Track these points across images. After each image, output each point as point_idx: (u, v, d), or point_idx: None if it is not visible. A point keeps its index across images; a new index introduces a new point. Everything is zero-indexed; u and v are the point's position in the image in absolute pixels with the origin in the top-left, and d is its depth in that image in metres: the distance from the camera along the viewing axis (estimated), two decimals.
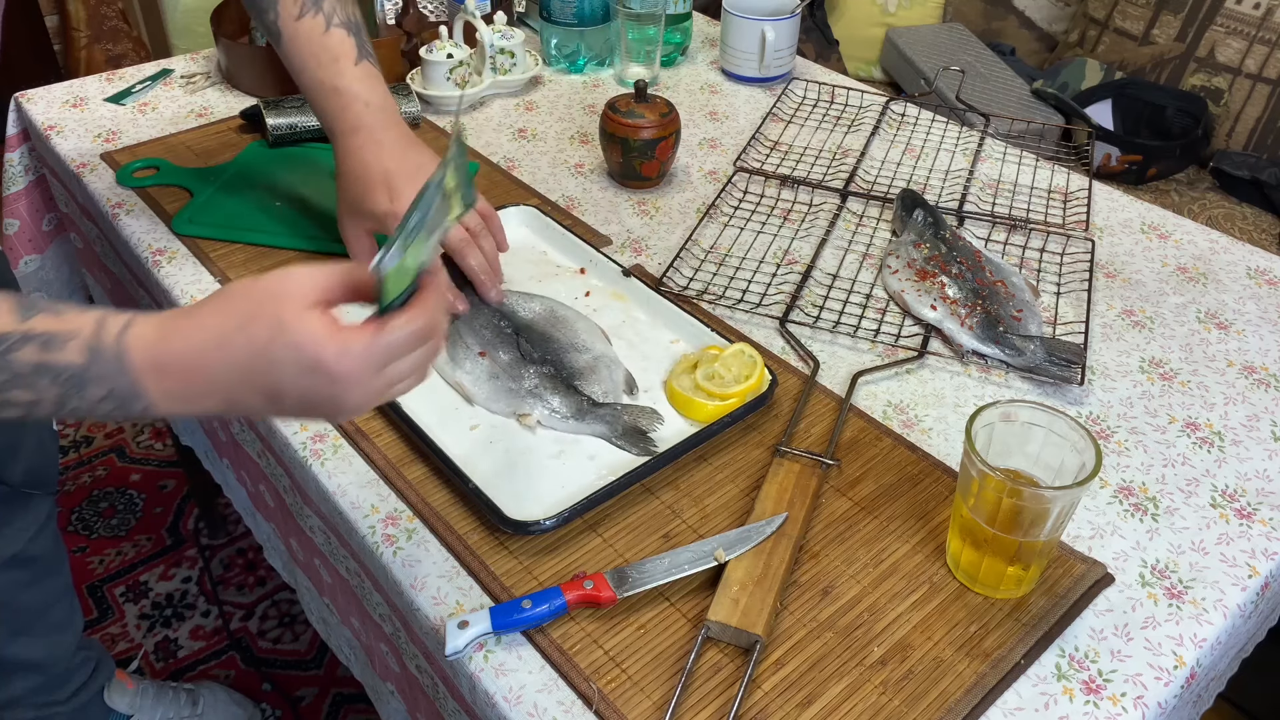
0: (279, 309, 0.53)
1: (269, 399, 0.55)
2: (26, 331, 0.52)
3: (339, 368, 0.53)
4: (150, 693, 1.32)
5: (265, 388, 0.54)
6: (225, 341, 0.54)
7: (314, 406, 0.55)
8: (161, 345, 0.54)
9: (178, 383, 0.54)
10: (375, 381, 0.55)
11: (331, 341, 0.53)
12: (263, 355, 0.53)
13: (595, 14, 1.35)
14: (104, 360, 0.53)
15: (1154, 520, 0.75)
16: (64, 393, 0.53)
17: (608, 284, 0.96)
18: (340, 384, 0.54)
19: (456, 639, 0.63)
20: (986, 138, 1.24)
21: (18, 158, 1.28)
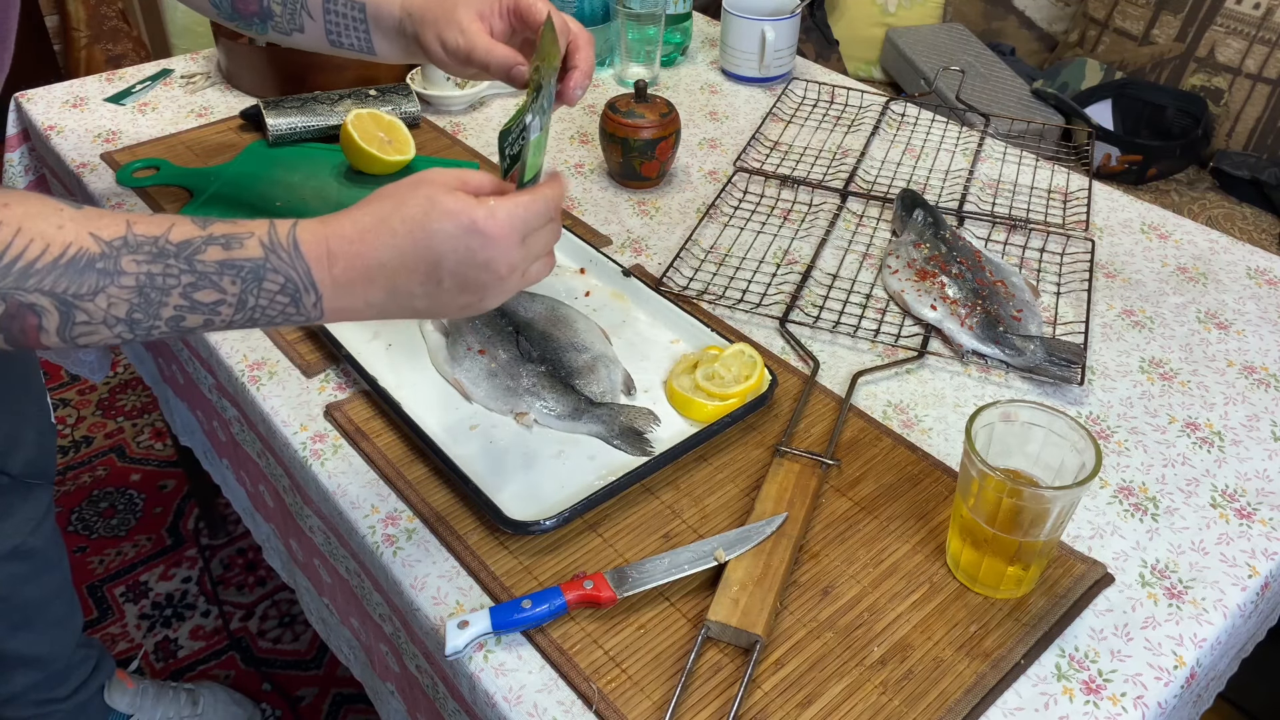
0: (428, 190, 0.59)
1: (428, 276, 0.58)
2: (209, 235, 0.56)
3: (490, 226, 0.57)
4: (150, 692, 1.32)
5: (425, 263, 0.58)
6: (384, 222, 0.58)
7: (469, 278, 0.59)
8: (329, 232, 0.58)
9: (345, 268, 0.58)
10: (520, 249, 0.59)
11: (480, 206, 0.58)
12: (420, 227, 0.57)
13: (595, 14, 1.35)
14: (280, 251, 0.57)
15: (1154, 520, 0.75)
16: (244, 289, 0.56)
17: (608, 284, 0.96)
18: (492, 244, 0.58)
19: (456, 639, 0.63)
20: (986, 138, 1.24)
21: (18, 158, 1.28)
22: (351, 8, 0.83)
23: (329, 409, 0.82)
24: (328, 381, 0.85)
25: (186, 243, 0.55)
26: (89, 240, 0.53)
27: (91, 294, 0.54)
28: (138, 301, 0.55)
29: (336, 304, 0.59)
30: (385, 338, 0.89)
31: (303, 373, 0.86)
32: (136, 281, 0.54)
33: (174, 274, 0.55)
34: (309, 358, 0.87)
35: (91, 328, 0.55)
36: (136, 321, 0.55)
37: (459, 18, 0.78)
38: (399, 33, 0.82)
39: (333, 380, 0.86)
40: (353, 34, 0.84)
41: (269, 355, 0.88)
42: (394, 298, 0.59)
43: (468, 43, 0.78)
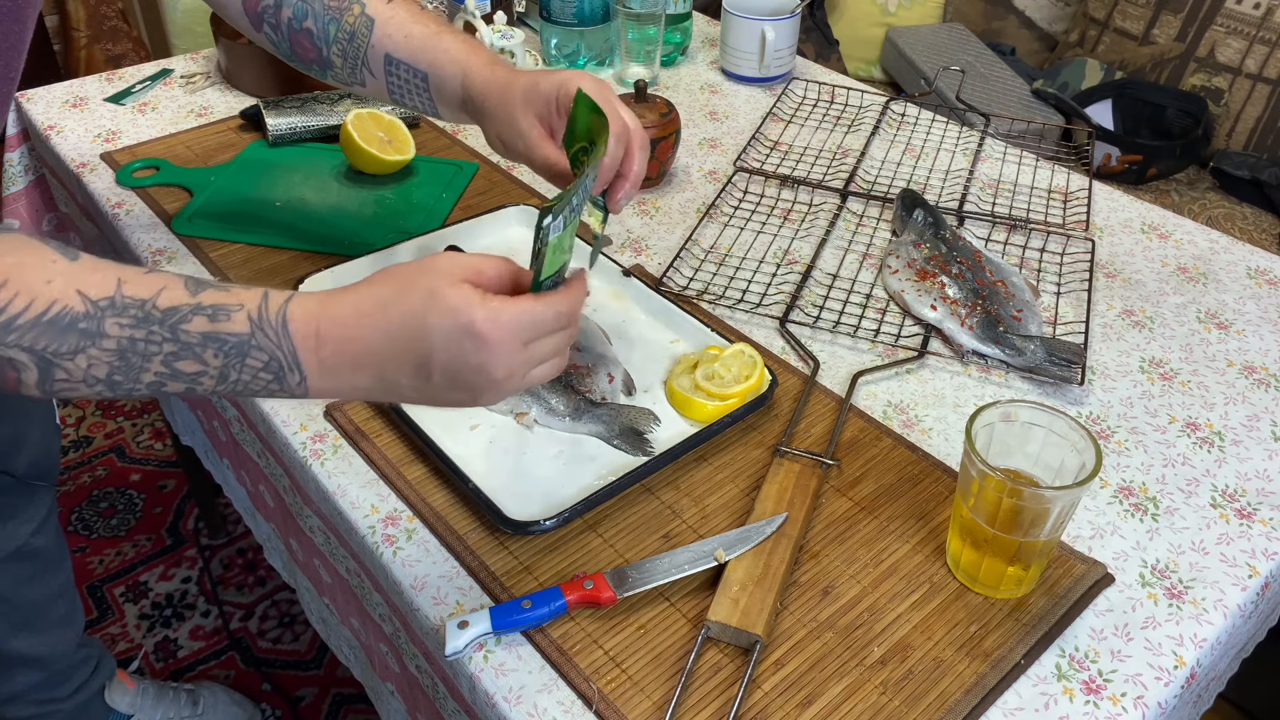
0: (432, 280, 0.56)
1: (418, 370, 0.56)
2: (197, 304, 0.55)
3: (488, 331, 0.55)
4: (151, 692, 1.32)
5: (417, 357, 0.56)
6: (380, 309, 0.56)
7: (461, 378, 0.57)
8: (321, 313, 0.56)
9: (333, 352, 0.56)
10: (520, 355, 0.57)
11: (482, 307, 0.55)
12: (417, 321, 0.55)
13: (595, 14, 1.35)
14: (267, 329, 0.55)
15: (1154, 520, 0.75)
16: (226, 363, 0.55)
17: (608, 284, 0.96)
18: (488, 350, 0.56)
19: (456, 639, 0.63)
20: (986, 138, 1.24)
21: (18, 158, 1.28)
22: (413, 75, 0.82)
23: (329, 409, 0.82)
24: None
25: (173, 309, 0.54)
26: (75, 299, 0.53)
27: (72, 353, 0.53)
28: (118, 364, 0.54)
29: (321, 385, 0.57)
30: None
31: None
32: (118, 345, 0.53)
33: (156, 341, 0.54)
34: None
35: (71, 385, 0.54)
36: (117, 383, 0.55)
37: (519, 121, 0.76)
38: (462, 108, 0.81)
39: None
40: (415, 97, 0.83)
41: None
42: (382, 385, 0.58)
43: (527, 148, 0.77)
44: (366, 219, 1.05)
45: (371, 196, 1.09)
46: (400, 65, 0.81)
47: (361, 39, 0.81)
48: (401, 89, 0.83)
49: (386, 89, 0.84)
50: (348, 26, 0.81)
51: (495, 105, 0.78)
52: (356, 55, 0.82)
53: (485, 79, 0.78)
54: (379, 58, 0.82)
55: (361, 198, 1.09)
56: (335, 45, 0.82)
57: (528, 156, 0.78)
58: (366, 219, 1.05)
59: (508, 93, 0.77)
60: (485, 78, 0.78)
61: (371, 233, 1.03)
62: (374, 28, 0.81)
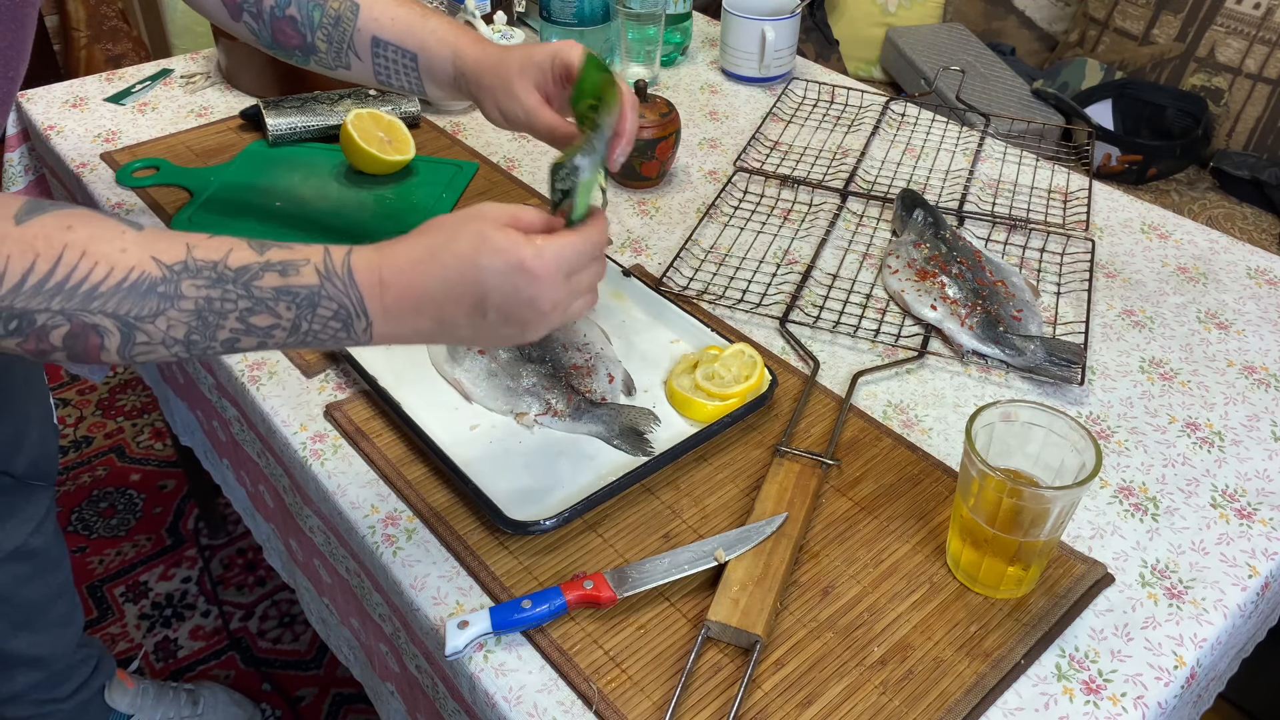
0: (480, 225, 0.60)
1: (475, 308, 0.60)
2: (266, 261, 0.57)
3: (536, 266, 0.59)
4: (151, 692, 1.32)
5: (473, 296, 0.59)
6: (436, 254, 0.59)
7: (513, 312, 0.60)
8: (382, 262, 0.59)
9: (396, 297, 0.59)
10: (564, 287, 0.61)
11: (528, 244, 0.59)
12: (470, 263, 0.59)
13: (595, 14, 1.35)
14: (334, 279, 0.58)
15: (1154, 520, 0.75)
16: (299, 314, 0.58)
17: (608, 284, 0.96)
18: (537, 283, 0.59)
19: (456, 639, 0.63)
20: (986, 138, 1.24)
21: (18, 158, 1.28)
22: (402, 55, 0.84)
23: (329, 409, 0.82)
24: (328, 381, 0.85)
25: (244, 268, 0.57)
26: (151, 264, 0.55)
27: (152, 316, 0.55)
28: (196, 324, 0.56)
29: (386, 330, 0.60)
30: None
31: (302, 373, 0.86)
32: (195, 305, 0.56)
33: (231, 299, 0.56)
34: (309, 357, 0.87)
35: (150, 347, 0.56)
36: (194, 343, 0.57)
37: (517, 91, 0.80)
38: (453, 85, 0.84)
39: (333, 380, 0.86)
40: (403, 78, 0.86)
41: (269, 355, 0.88)
42: (440, 326, 0.61)
43: (527, 116, 0.80)
44: (366, 219, 1.05)
45: (371, 196, 1.09)
46: (388, 47, 0.84)
47: (347, 23, 0.84)
48: (389, 70, 0.85)
49: (373, 71, 0.86)
50: (332, 11, 0.84)
51: (491, 78, 0.81)
52: (342, 39, 0.84)
53: (477, 56, 0.82)
54: (365, 41, 0.84)
55: (361, 198, 1.09)
56: (320, 30, 0.84)
57: (529, 122, 0.81)
58: (366, 219, 1.05)
59: (503, 66, 0.80)
60: (477, 54, 0.82)
61: (371, 233, 1.03)
62: (359, 12, 0.84)
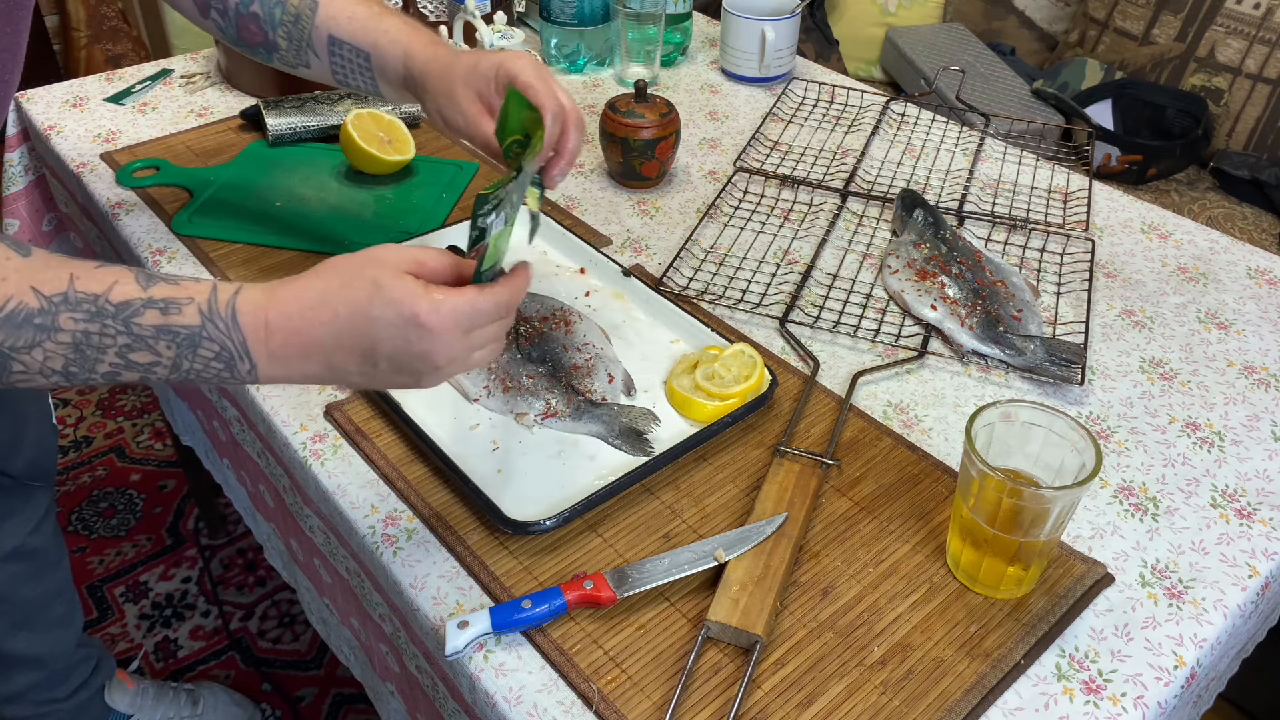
0: (376, 272, 0.58)
1: (364, 358, 0.59)
2: (148, 298, 0.57)
3: (431, 321, 0.57)
4: (151, 692, 1.32)
5: (362, 347, 0.58)
6: (326, 301, 0.58)
7: (405, 365, 0.59)
8: (269, 306, 0.58)
9: (282, 342, 0.58)
10: (462, 342, 0.60)
11: (425, 298, 0.57)
12: (362, 313, 0.57)
13: (595, 14, 1.35)
14: (217, 320, 0.58)
15: (1154, 520, 0.75)
16: (179, 354, 0.58)
17: (608, 284, 0.96)
18: (431, 338, 0.58)
19: (456, 639, 0.63)
20: (986, 138, 1.24)
21: (18, 158, 1.28)
22: (356, 54, 0.84)
23: (329, 409, 0.82)
24: None
25: (125, 304, 0.56)
26: (30, 295, 0.54)
27: (28, 347, 0.55)
28: (73, 357, 0.56)
29: (271, 373, 0.59)
30: None
31: None
32: (73, 339, 0.55)
33: (110, 334, 0.56)
34: None
35: (28, 376, 0.56)
36: (72, 374, 0.57)
37: (459, 98, 0.79)
38: (404, 86, 0.84)
39: None
40: (358, 77, 0.86)
41: None
42: (330, 371, 0.60)
43: (466, 126, 0.80)
44: (366, 219, 1.05)
45: (371, 196, 1.09)
46: (343, 45, 0.84)
47: (306, 21, 0.84)
48: (344, 69, 0.86)
49: (330, 70, 0.86)
50: (292, 9, 0.84)
51: (436, 82, 0.80)
52: (301, 37, 0.85)
53: (427, 58, 0.81)
54: (323, 39, 0.84)
55: (361, 198, 1.09)
56: (281, 28, 0.85)
57: (468, 132, 0.80)
58: (366, 219, 1.05)
59: (449, 71, 0.80)
60: (427, 56, 0.81)
61: (371, 233, 1.03)
62: (317, 9, 0.84)
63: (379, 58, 0.83)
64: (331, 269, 0.60)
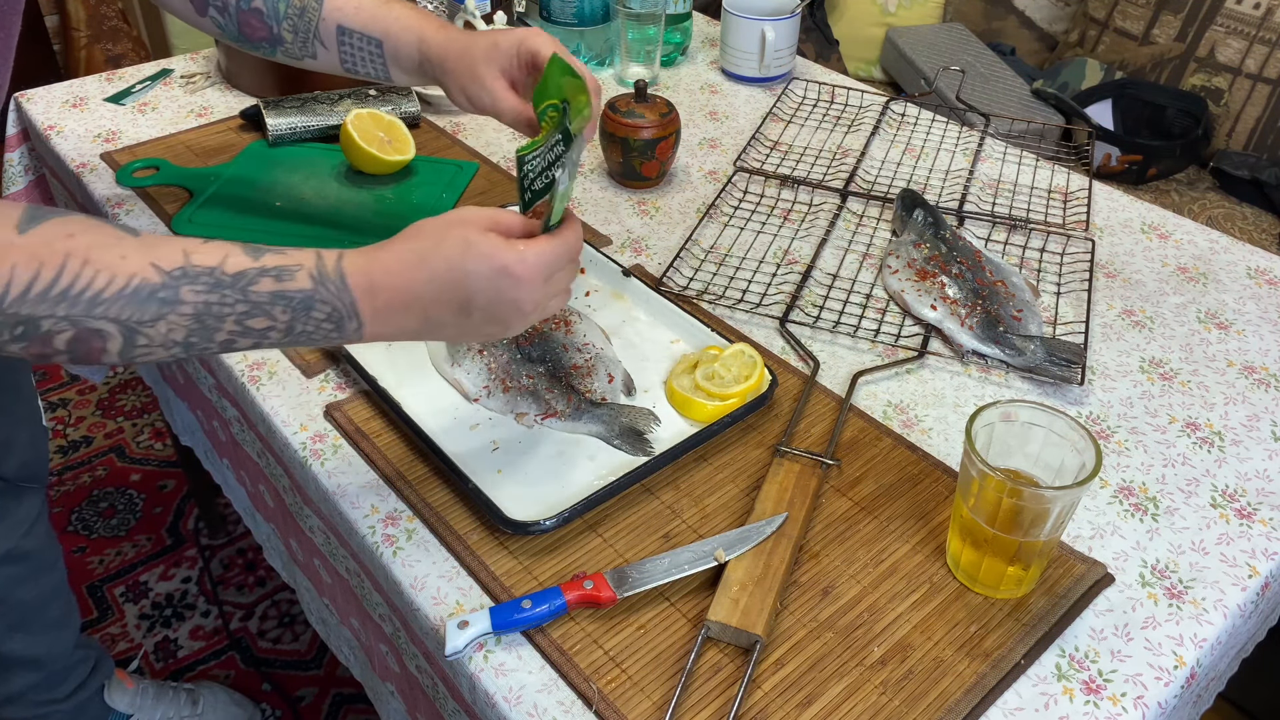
0: (464, 231, 0.63)
1: (461, 309, 0.63)
2: (262, 267, 0.60)
3: (520, 270, 0.63)
4: (150, 692, 1.32)
5: (459, 298, 0.63)
6: (424, 260, 0.62)
7: (496, 313, 0.64)
8: (372, 267, 0.62)
9: (387, 300, 0.62)
10: (543, 288, 0.65)
11: (511, 249, 0.63)
12: (457, 267, 0.62)
13: (595, 14, 1.35)
14: (328, 283, 0.61)
15: (1154, 520, 0.75)
16: (294, 317, 0.61)
17: (608, 284, 0.96)
18: (520, 285, 0.63)
19: (456, 639, 0.63)
20: (986, 138, 1.24)
21: (18, 158, 1.28)
22: (367, 42, 0.86)
23: (329, 409, 0.82)
24: (328, 381, 0.85)
25: (241, 274, 0.59)
26: (150, 270, 0.57)
27: (153, 320, 0.57)
28: (195, 327, 0.58)
29: (376, 330, 0.63)
30: None
31: (303, 373, 0.86)
32: (194, 310, 0.58)
33: (229, 303, 0.59)
34: (309, 357, 0.87)
35: (150, 350, 0.58)
36: (192, 344, 0.59)
37: (482, 76, 0.82)
38: (419, 71, 0.86)
39: (333, 380, 0.86)
40: (369, 65, 0.88)
41: (269, 355, 0.88)
42: (427, 325, 0.64)
43: (493, 102, 0.83)
44: (366, 219, 1.05)
45: (371, 196, 1.09)
46: (353, 34, 0.86)
47: (312, 13, 0.86)
48: (354, 58, 0.87)
49: (339, 59, 0.88)
50: (297, 2, 0.86)
51: (457, 63, 0.83)
52: (308, 29, 0.86)
53: (443, 41, 0.84)
54: (331, 29, 0.86)
55: (361, 198, 1.09)
56: (286, 21, 0.86)
57: (495, 108, 0.83)
58: (366, 219, 1.05)
59: (470, 51, 0.82)
60: (442, 40, 0.84)
61: (371, 233, 1.03)
62: (324, 1, 0.86)
63: (392, 45, 0.85)
64: (421, 232, 0.64)
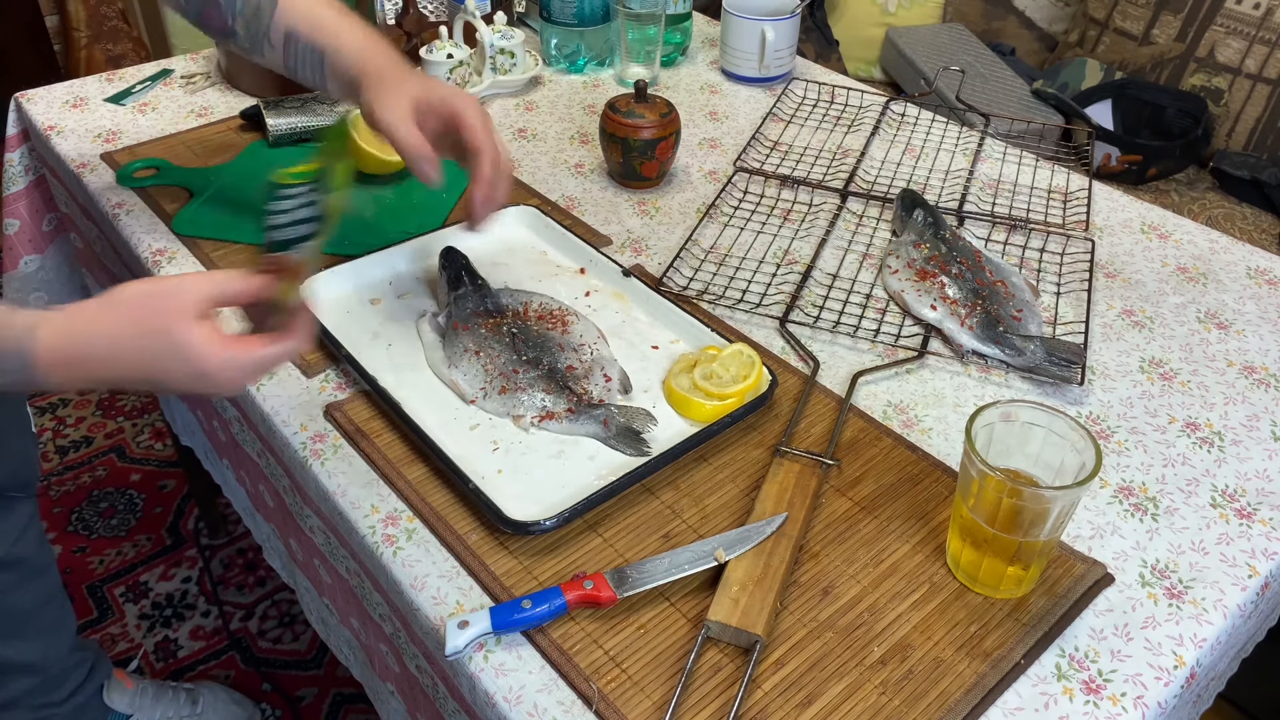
0: (169, 322, 0.62)
1: (153, 386, 0.66)
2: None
3: (221, 376, 0.63)
4: (150, 692, 1.32)
5: (150, 381, 0.64)
6: (120, 348, 0.63)
7: (193, 390, 0.65)
8: (65, 347, 0.62)
9: (70, 375, 0.64)
10: (249, 380, 0.66)
11: (216, 356, 0.63)
12: (155, 363, 0.63)
13: (595, 14, 1.35)
14: (8, 358, 0.62)
15: (1154, 520, 0.75)
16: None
17: (608, 284, 0.96)
18: (219, 385, 0.64)
19: (456, 639, 0.63)
20: (986, 138, 1.24)
21: (18, 158, 1.28)
22: (310, 52, 0.87)
23: (329, 409, 0.82)
24: (328, 381, 0.85)
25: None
26: None
27: None
28: None
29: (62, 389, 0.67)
30: (385, 338, 0.89)
31: (303, 373, 0.86)
32: None
33: None
34: (309, 358, 0.87)
35: None
36: None
37: (391, 99, 0.81)
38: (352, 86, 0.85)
39: (333, 380, 0.86)
40: (308, 71, 0.88)
41: None
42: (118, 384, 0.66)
43: (389, 125, 0.81)
44: (366, 219, 1.05)
45: (371, 196, 1.09)
46: (299, 41, 0.87)
47: (265, 13, 0.87)
48: (297, 61, 0.88)
49: (284, 60, 0.89)
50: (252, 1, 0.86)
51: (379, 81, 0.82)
52: (259, 27, 0.87)
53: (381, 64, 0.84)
54: (280, 32, 0.87)
55: (361, 198, 1.09)
56: (240, 17, 0.87)
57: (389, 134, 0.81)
58: (366, 219, 1.05)
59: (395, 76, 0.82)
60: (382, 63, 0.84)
61: (371, 233, 1.03)
62: (277, 3, 0.86)
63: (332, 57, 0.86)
64: (128, 312, 0.63)
